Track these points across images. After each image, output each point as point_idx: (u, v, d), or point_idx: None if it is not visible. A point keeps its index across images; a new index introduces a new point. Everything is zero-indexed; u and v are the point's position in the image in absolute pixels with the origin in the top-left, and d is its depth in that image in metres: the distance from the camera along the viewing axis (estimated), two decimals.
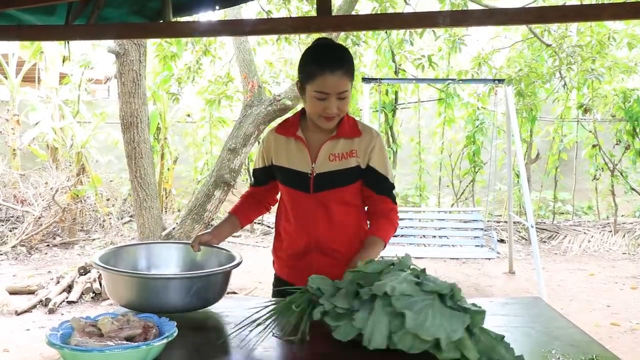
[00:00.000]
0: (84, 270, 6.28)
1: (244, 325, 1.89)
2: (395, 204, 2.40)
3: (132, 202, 6.67)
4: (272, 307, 1.95)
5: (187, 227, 5.68)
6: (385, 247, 2.34)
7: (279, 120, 6.79)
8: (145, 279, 2.03)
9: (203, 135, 10.65)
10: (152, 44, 7.23)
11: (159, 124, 10.12)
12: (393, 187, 2.40)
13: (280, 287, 2.36)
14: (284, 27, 2.57)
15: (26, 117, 9.66)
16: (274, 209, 2.59)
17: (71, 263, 7.46)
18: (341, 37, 7.21)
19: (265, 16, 6.59)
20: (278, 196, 2.56)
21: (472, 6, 6.61)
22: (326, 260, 2.34)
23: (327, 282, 1.90)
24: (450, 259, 7.81)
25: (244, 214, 2.55)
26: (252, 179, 2.55)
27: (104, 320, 1.67)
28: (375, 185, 2.36)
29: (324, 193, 2.32)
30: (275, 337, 1.82)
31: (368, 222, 2.44)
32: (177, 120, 10.84)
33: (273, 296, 2.50)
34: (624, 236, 9.13)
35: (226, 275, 2.12)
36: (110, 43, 5.47)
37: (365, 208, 2.45)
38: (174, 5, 2.67)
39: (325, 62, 2.16)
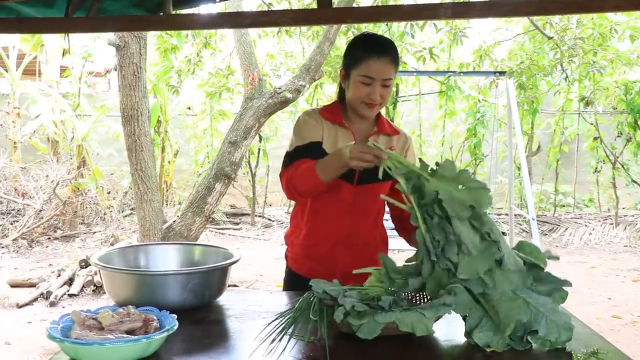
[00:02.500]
0: (85, 264, 6.29)
1: (271, 323, 1.83)
2: None
3: (132, 195, 6.67)
4: (294, 306, 1.87)
5: (188, 220, 5.68)
6: None
7: (278, 115, 6.80)
8: (142, 275, 2.02)
9: (204, 128, 10.65)
10: (152, 36, 7.22)
11: (159, 116, 10.11)
12: None
13: (295, 282, 2.35)
14: (285, 19, 2.55)
15: (27, 110, 9.65)
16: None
17: (72, 256, 7.47)
18: (342, 30, 7.19)
19: (265, 8, 6.57)
20: None
21: None
22: (350, 256, 2.32)
23: (330, 285, 1.86)
24: None
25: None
26: (300, 154, 2.27)
27: (104, 313, 1.67)
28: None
29: (367, 186, 2.31)
30: (296, 338, 1.74)
31: (393, 222, 2.47)
32: (177, 113, 10.83)
33: (287, 290, 2.46)
34: (625, 229, 9.13)
35: (223, 272, 2.11)
36: (111, 36, 5.45)
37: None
38: None
39: (373, 47, 2.21)
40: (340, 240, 2.34)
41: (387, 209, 2.50)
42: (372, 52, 2.18)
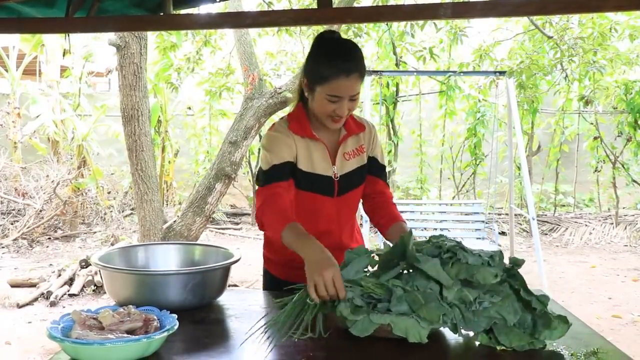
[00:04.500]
0: (85, 263, 6.29)
1: (258, 322, 1.85)
2: None
3: (133, 195, 6.67)
4: (284, 305, 1.86)
5: (189, 220, 5.68)
6: None
7: (278, 114, 6.77)
8: (142, 275, 2.03)
9: (202, 126, 10.65)
10: (152, 34, 7.21)
11: (159, 116, 10.11)
12: (387, 173, 2.43)
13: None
14: (285, 19, 2.55)
15: (27, 110, 9.65)
16: None
17: (72, 256, 7.47)
18: (342, 29, 7.19)
19: (266, 8, 6.57)
20: None
21: None
22: (338, 260, 2.24)
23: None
24: None
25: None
26: (272, 176, 2.15)
27: (104, 313, 1.67)
28: (381, 174, 2.36)
29: (347, 195, 2.27)
30: (293, 336, 1.72)
31: (364, 212, 2.43)
32: (177, 113, 10.83)
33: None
34: (625, 228, 9.13)
35: (223, 272, 2.11)
36: (111, 36, 5.45)
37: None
38: None
39: (341, 66, 2.04)
40: (334, 247, 2.22)
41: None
42: (340, 71, 2.02)
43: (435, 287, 1.73)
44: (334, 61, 2.05)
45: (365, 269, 1.88)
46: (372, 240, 6.83)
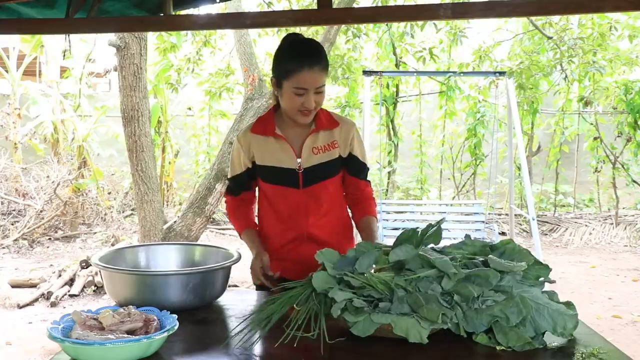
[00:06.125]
0: (85, 264, 6.29)
1: (246, 318, 1.87)
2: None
3: (133, 195, 6.67)
4: (278, 300, 1.87)
5: (189, 221, 5.68)
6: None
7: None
8: (143, 275, 2.03)
9: (202, 126, 10.66)
10: (152, 35, 7.21)
11: (160, 117, 10.10)
12: (368, 170, 2.52)
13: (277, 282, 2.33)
14: (285, 19, 2.56)
15: (27, 110, 9.65)
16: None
17: (73, 256, 7.47)
18: (342, 30, 7.20)
19: (266, 8, 6.57)
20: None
21: None
22: (316, 249, 2.33)
23: (335, 255, 1.89)
24: None
25: (254, 222, 2.54)
26: (234, 187, 2.50)
27: (105, 313, 1.67)
28: (360, 173, 2.47)
29: (314, 186, 2.36)
30: (296, 334, 1.71)
31: (348, 207, 2.54)
32: (177, 113, 10.83)
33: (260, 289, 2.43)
34: (625, 228, 9.12)
35: (224, 272, 2.11)
36: (111, 36, 5.46)
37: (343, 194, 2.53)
38: None
39: (304, 59, 2.18)
40: (304, 237, 2.38)
41: None
42: (303, 64, 2.16)
43: (437, 288, 1.74)
44: (297, 56, 2.20)
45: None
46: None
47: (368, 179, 2.52)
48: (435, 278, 1.77)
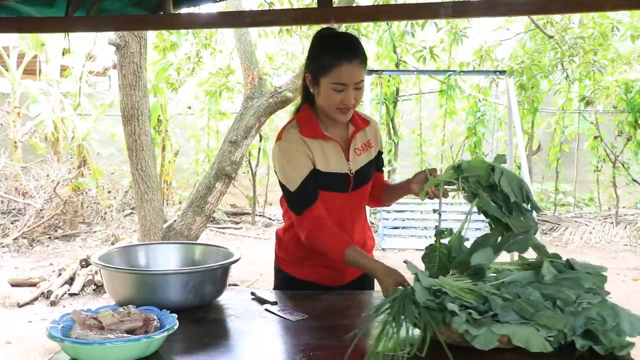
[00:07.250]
0: (85, 263, 6.29)
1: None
2: None
3: (133, 194, 6.67)
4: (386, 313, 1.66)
5: (189, 220, 5.68)
6: None
7: (278, 114, 6.76)
8: (143, 274, 2.03)
9: (201, 127, 10.66)
10: (152, 34, 7.20)
11: (159, 116, 10.10)
12: None
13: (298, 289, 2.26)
14: (285, 18, 2.56)
15: (27, 109, 9.64)
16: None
17: (73, 255, 7.47)
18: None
19: (266, 7, 6.57)
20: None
21: None
22: None
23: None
24: None
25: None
26: (306, 198, 2.15)
27: (104, 312, 1.67)
28: (382, 166, 2.43)
29: (360, 190, 2.28)
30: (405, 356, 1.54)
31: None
32: (177, 112, 10.83)
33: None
34: (625, 228, 9.12)
35: (224, 271, 2.10)
36: (111, 35, 5.45)
37: None
38: None
39: (342, 52, 2.07)
40: None
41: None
42: (342, 58, 2.05)
43: (535, 293, 1.67)
44: (335, 50, 2.09)
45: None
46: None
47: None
48: (526, 283, 1.70)
